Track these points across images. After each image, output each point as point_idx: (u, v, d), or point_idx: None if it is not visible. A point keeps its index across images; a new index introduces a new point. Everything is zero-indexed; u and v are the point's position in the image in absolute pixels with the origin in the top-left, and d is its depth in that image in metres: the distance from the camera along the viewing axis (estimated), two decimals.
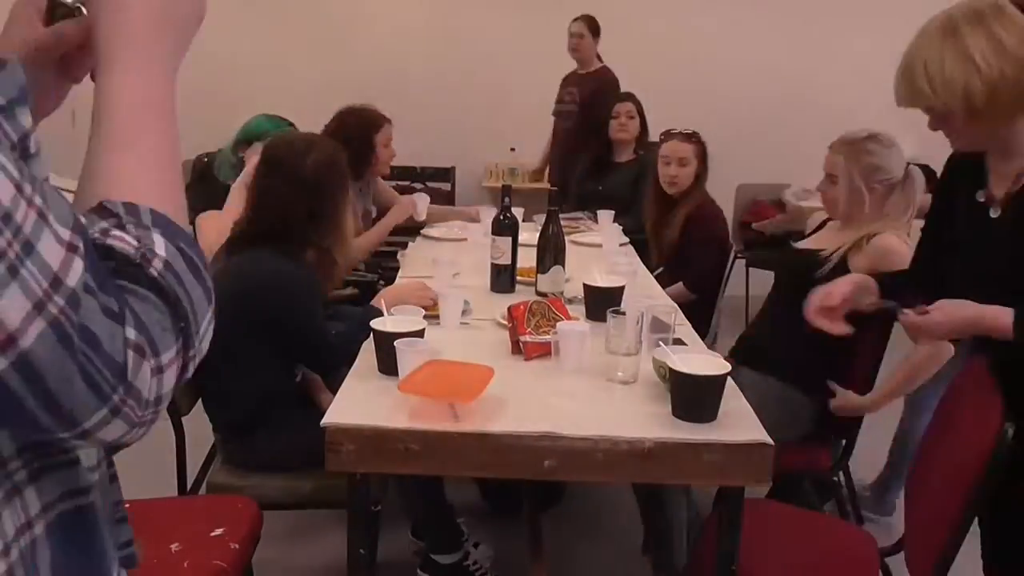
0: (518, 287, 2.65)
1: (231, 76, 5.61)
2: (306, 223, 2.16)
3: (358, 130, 3.38)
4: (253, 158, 2.96)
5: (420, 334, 1.92)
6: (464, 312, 2.33)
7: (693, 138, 3.40)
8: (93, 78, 0.77)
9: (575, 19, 5.04)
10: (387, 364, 1.87)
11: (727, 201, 4.82)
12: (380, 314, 2.11)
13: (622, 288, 2.36)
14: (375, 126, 3.42)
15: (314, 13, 5.76)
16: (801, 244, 2.66)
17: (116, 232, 0.67)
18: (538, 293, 2.55)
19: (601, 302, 2.18)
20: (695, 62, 5.72)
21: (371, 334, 1.95)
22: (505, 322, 2.16)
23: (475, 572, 2.55)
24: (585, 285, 2.39)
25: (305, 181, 2.15)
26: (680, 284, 3.27)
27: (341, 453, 1.64)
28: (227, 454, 2.30)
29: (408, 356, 1.79)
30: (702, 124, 3.47)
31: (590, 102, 4.79)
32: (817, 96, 5.60)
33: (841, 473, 2.73)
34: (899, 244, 2.34)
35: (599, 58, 5.06)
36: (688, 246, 3.34)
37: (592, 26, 5.01)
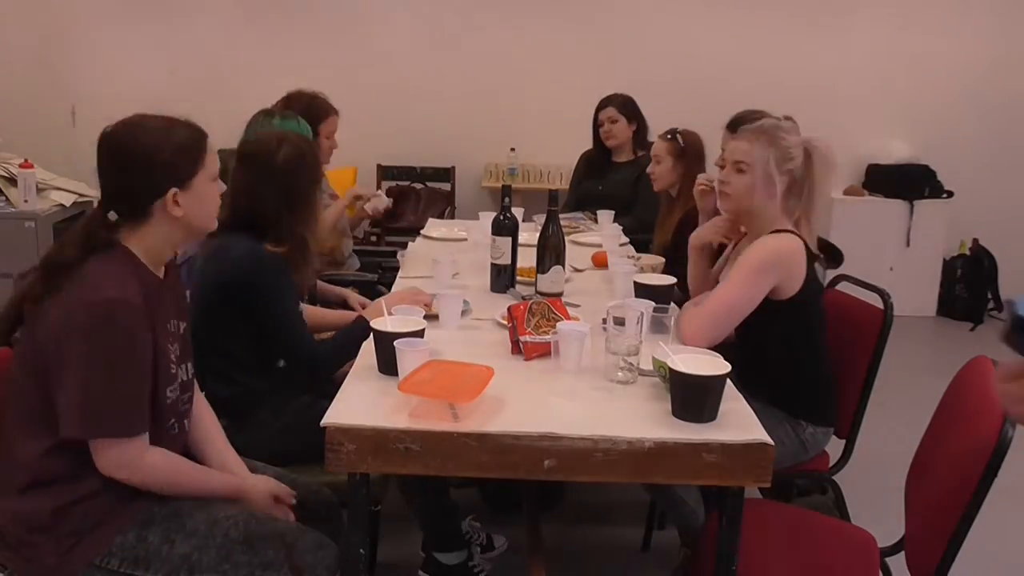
0: (518, 287, 2.65)
1: (231, 76, 5.61)
2: (283, 213, 2.23)
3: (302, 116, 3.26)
4: None
5: (420, 334, 1.92)
6: (464, 312, 2.33)
7: (668, 137, 3.38)
8: None
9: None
10: (387, 364, 1.87)
11: None
12: (368, 328, 2.11)
13: (671, 286, 2.46)
14: (318, 116, 3.32)
15: (315, 14, 5.76)
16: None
17: None
18: (538, 293, 2.56)
19: (652, 300, 2.25)
20: (695, 62, 5.71)
21: (371, 335, 1.96)
22: (505, 322, 2.16)
23: (478, 574, 2.55)
24: (636, 283, 2.46)
25: (276, 173, 2.25)
26: None
27: (341, 453, 1.64)
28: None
29: (408, 356, 1.79)
30: (701, 125, 3.46)
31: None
32: (818, 97, 5.60)
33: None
34: (786, 244, 2.23)
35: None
36: (679, 247, 3.33)
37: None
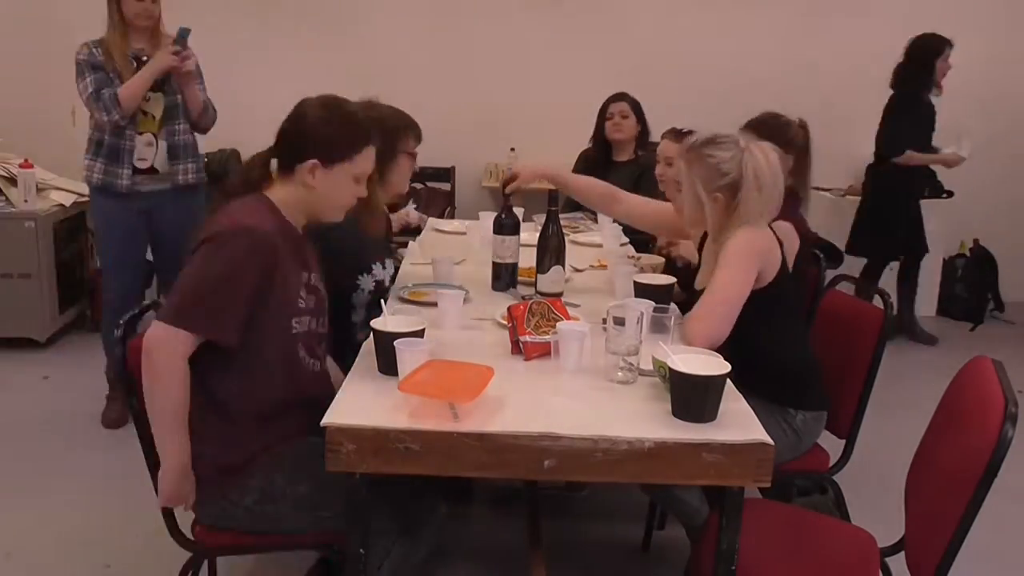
0: (518, 287, 2.65)
1: (229, 77, 5.59)
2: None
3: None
4: None
5: (420, 334, 1.92)
6: (465, 300, 2.34)
7: (682, 137, 3.33)
8: None
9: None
10: (387, 364, 1.87)
11: None
12: None
13: (671, 286, 2.44)
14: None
15: (315, 13, 5.76)
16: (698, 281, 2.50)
17: None
18: (538, 293, 2.56)
19: (652, 300, 2.24)
20: (696, 62, 5.71)
21: (371, 334, 1.96)
22: (505, 322, 2.17)
23: None
24: (636, 283, 2.44)
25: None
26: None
27: (341, 453, 1.64)
28: None
29: (408, 356, 1.79)
30: (701, 124, 3.45)
31: None
32: (819, 97, 5.59)
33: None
34: (760, 233, 2.26)
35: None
36: None
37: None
